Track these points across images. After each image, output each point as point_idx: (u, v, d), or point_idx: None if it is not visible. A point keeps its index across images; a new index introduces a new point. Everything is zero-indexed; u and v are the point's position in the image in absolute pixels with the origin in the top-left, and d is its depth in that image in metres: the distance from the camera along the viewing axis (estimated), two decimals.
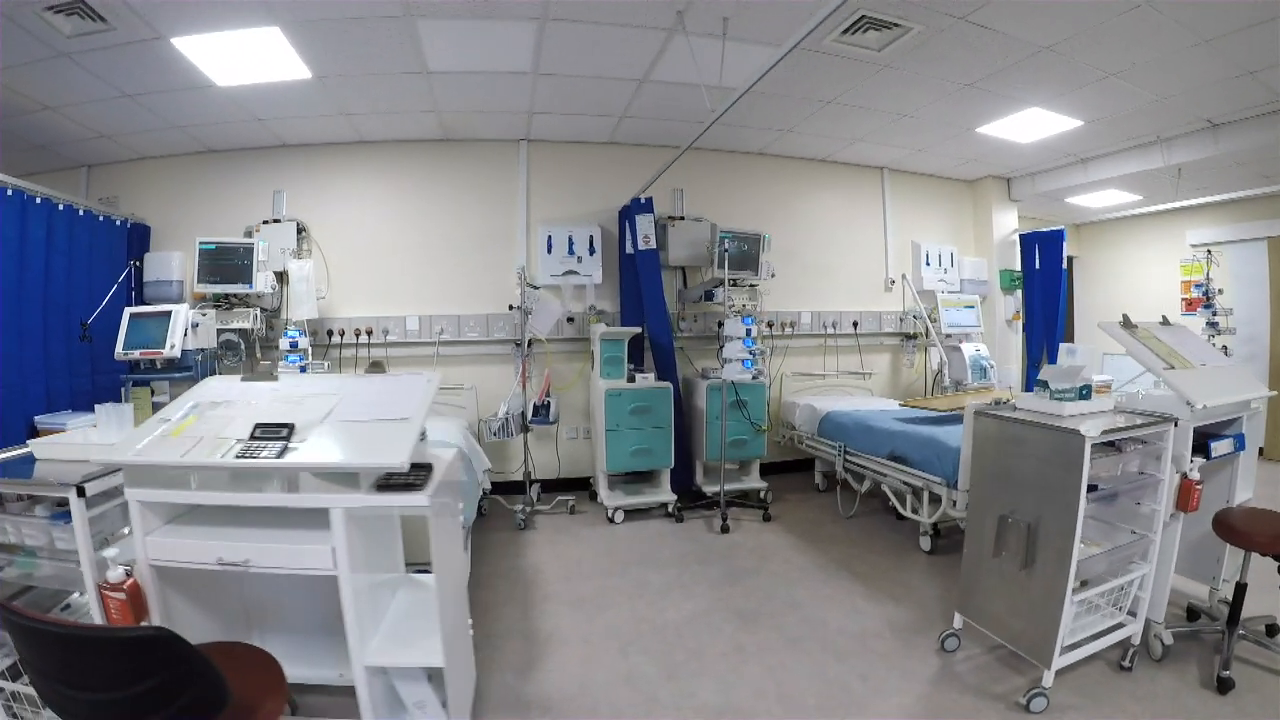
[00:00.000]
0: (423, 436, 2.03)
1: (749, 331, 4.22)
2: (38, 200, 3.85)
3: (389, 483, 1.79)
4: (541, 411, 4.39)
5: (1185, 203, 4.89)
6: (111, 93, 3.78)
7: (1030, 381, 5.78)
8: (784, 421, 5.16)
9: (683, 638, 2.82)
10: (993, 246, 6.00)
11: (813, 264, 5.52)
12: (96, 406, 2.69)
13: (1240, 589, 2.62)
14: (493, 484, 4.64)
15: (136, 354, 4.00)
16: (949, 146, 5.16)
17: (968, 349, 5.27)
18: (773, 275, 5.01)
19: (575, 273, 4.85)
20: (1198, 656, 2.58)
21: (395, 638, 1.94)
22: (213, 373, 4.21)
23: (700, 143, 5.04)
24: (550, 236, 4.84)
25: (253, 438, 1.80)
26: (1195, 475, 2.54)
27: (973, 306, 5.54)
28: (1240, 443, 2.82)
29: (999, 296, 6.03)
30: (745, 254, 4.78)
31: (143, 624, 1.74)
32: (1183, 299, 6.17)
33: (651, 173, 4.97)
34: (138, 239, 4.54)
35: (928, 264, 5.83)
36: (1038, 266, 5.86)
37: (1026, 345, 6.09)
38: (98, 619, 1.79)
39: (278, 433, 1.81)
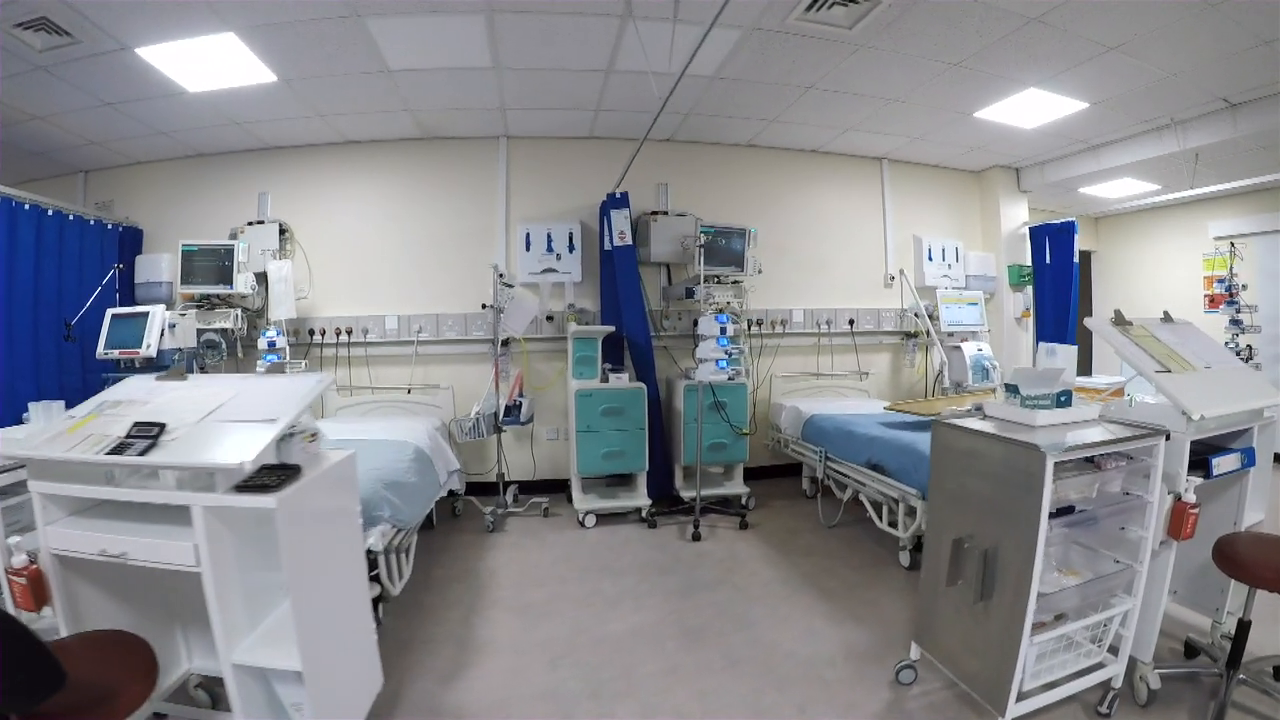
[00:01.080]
0: (314, 437, 1.96)
1: (724, 330, 3.89)
2: (26, 207, 3.86)
3: (248, 483, 1.66)
4: (513, 412, 4.16)
5: (1204, 188, 4.32)
6: (92, 102, 3.76)
7: None
8: (772, 424, 4.81)
9: (619, 653, 2.58)
10: (1000, 240, 5.51)
11: (807, 259, 5.15)
12: (30, 404, 2.59)
13: (1243, 627, 2.21)
14: (468, 485, 4.45)
15: (116, 353, 3.96)
16: (948, 134, 4.72)
17: (969, 348, 4.82)
18: (759, 271, 4.67)
19: (554, 270, 4.61)
20: (1191, 702, 2.19)
21: (270, 638, 1.79)
22: (191, 371, 4.14)
23: (684, 135, 4.79)
24: (529, 233, 4.61)
25: (129, 435, 1.75)
26: (1190, 497, 2.14)
27: (975, 304, 5.07)
28: (1249, 458, 2.39)
29: (1007, 293, 5.53)
30: (729, 249, 4.45)
31: None
32: (1205, 295, 5.53)
33: (622, 166, 4.70)
34: (130, 242, 4.51)
35: (930, 259, 5.38)
36: (1048, 261, 5.34)
37: (1036, 345, 5.56)
38: (8, 604, 1.77)
39: (149, 431, 1.76)
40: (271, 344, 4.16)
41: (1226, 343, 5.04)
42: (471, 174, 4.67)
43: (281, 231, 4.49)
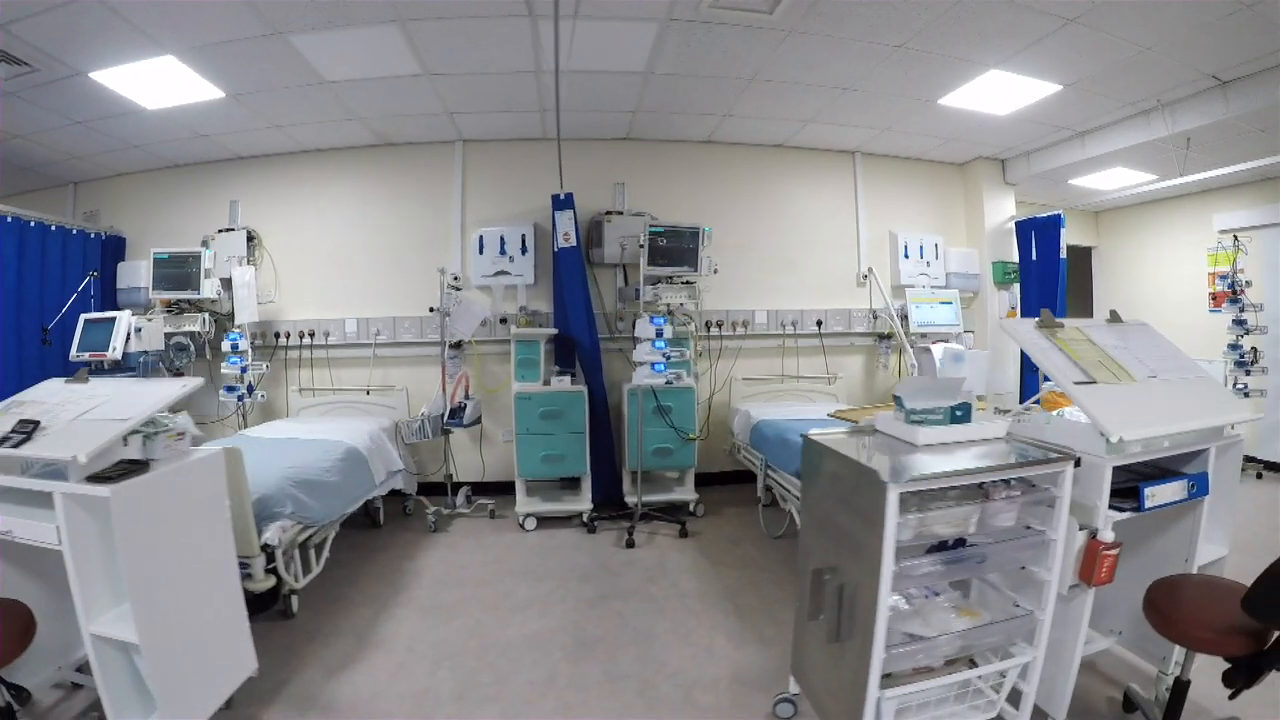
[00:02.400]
0: (181, 436, 1.99)
1: (660, 332, 3.57)
2: (8, 219, 3.89)
3: (100, 474, 1.70)
4: (458, 414, 3.94)
5: (1197, 175, 3.70)
6: (64, 121, 3.79)
7: (1028, 389, 4.72)
8: (730, 429, 4.44)
9: (504, 659, 2.41)
10: (984, 235, 4.95)
11: (773, 258, 4.75)
12: None
13: (1180, 687, 1.79)
14: (423, 485, 4.27)
15: (87, 356, 3.94)
16: (916, 123, 4.24)
17: (940, 351, 4.32)
18: (715, 271, 4.30)
19: (506, 273, 4.36)
20: None
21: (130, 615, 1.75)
22: (157, 373, 4.10)
23: (639, 133, 4.48)
24: (482, 237, 4.38)
25: (11, 430, 1.81)
26: (1107, 535, 1.72)
27: (950, 303, 4.56)
28: (1201, 486, 1.93)
29: (992, 291, 4.97)
30: (681, 249, 4.10)
31: None
32: (1210, 293, 4.81)
33: (586, 166, 4.44)
34: (113, 249, 4.52)
35: (906, 256, 4.88)
36: (1034, 257, 4.76)
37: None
38: None
39: (25, 428, 1.81)
40: (235, 346, 4.09)
41: (1231, 344, 4.37)
42: (429, 179, 4.48)
43: (250, 238, 4.41)
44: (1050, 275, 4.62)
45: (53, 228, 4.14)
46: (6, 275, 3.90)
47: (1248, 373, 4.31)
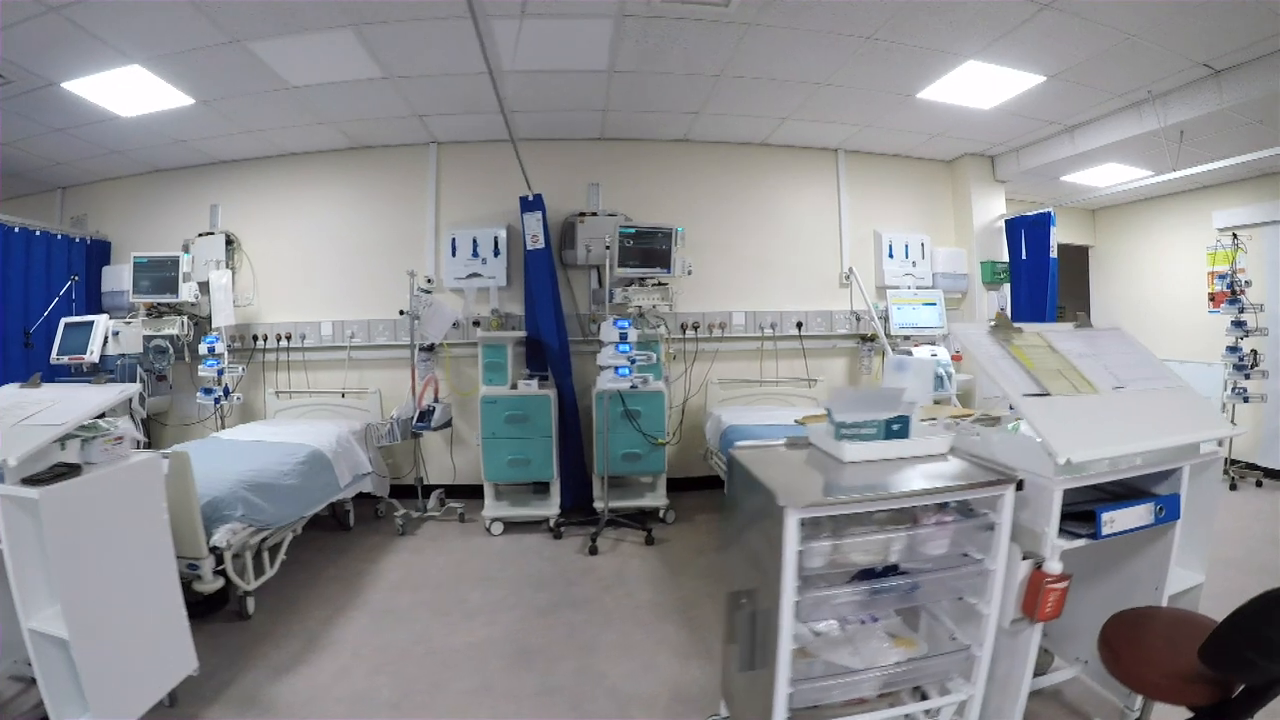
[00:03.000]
0: (120, 441, 1.97)
1: (623, 335, 3.41)
2: None
3: (34, 477, 1.71)
4: (427, 417, 3.83)
5: (1190, 169, 3.41)
6: (44, 129, 3.75)
7: None
8: (705, 434, 4.27)
9: (444, 666, 2.34)
10: (973, 234, 4.70)
11: (752, 258, 4.55)
12: None
13: None
14: (397, 488, 4.17)
15: (66, 359, 3.91)
16: (898, 119, 4.02)
17: (922, 354, 4.10)
18: (689, 272, 4.14)
19: (479, 275, 4.23)
20: None
21: None
22: (134, 376, 4.05)
23: (613, 133, 4.32)
24: (455, 239, 4.26)
25: None
26: (1054, 566, 1.53)
27: (934, 304, 4.33)
28: (1170, 509, 1.71)
29: (980, 292, 4.72)
30: (653, 250, 3.93)
31: None
32: (1209, 293, 4.50)
33: (559, 167, 4.30)
34: (98, 253, 4.48)
35: (890, 256, 4.65)
36: (1024, 256, 4.50)
37: None
38: None
39: None
40: (211, 349, 4.03)
41: (1230, 347, 4.07)
42: (404, 181, 4.37)
43: (229, 242, 4.35)
44: (1040, 275, 4.36)
45: (37, 233, 4.12)
46: None
47: (1247, 376, 4.01)
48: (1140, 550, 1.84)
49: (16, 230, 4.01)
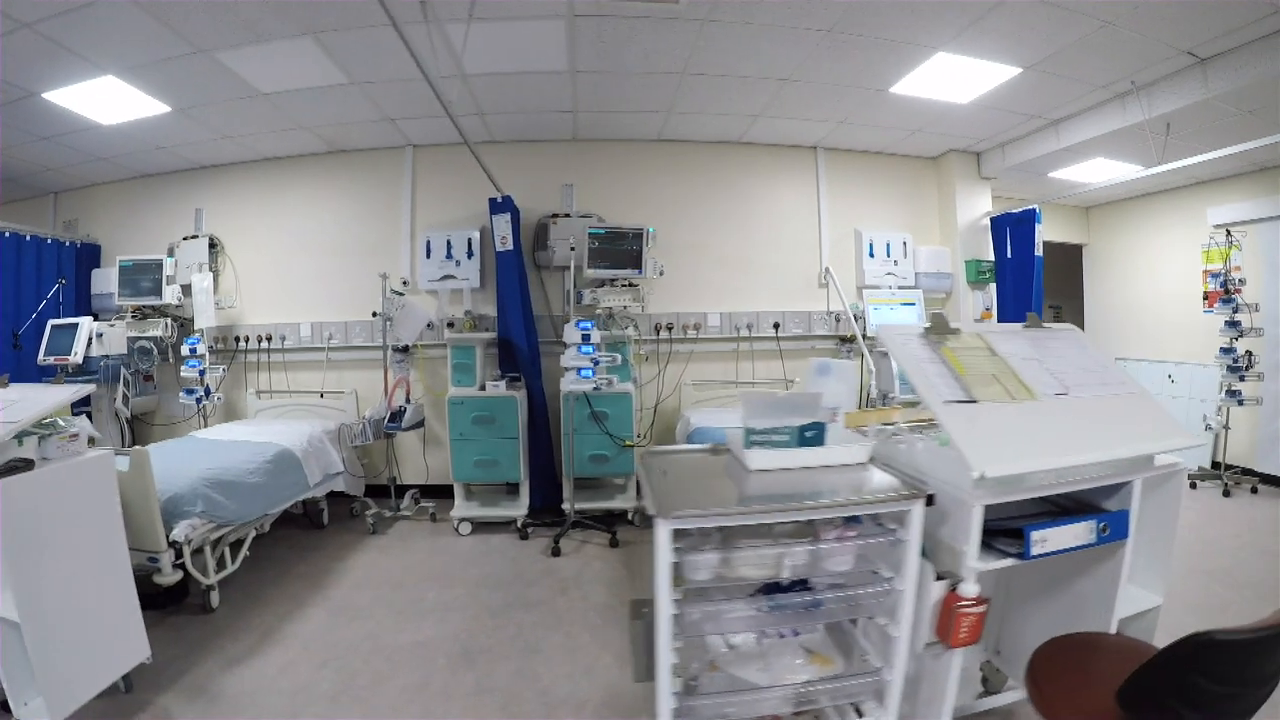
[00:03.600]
0: (75, 438, 2.01)
1: (586, 337, 3.32)
2: None
3: None
4: (397, 417, 3.78)
5: (1191, 161, 3.17)
6: (30, 138, 3.79)
7: None
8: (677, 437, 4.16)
9: (388, 663, 2.32)
10: (957, 232, 4.51)
11: (728, 258, 4.42)
12: None
13: None
14: (373, 487, 4.13)
15: (53, 360, 3.94)
16: (874, 115, 3.86)
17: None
18: (660, 273, 4.03)
19: (453, 277, 4.17)
20: None
21: None
22: (117, 376, 4.07)
23: (586, 133, 4.23)
24: (429, 241, 4.20)
25: None
26: (970, 588, 1.40)
27: (913, 304, 4.16)
28: (1117, 527, 1.57)
29: (965, 292, 4.53)
30: (624, 251, 3.84)
31: None
32: (1204, 292, 4.24)
33: (533, 168, 4.22)
34: (88, 257, 4.52)
35: (871, 255, 4.48)
36: (1010, 255, 4.30)
37: None
38: None
39: None
40: (193, 350, 4.03)
41: (1224, 348, 3.83)
42: (381, 184, 4.32)
43: (212, 245, 4.34)
44: (1026, 273, 4.16)
45: (27, 237, 4.16)
46: None
47: (1242, 378, 3.77)
48: (1088, 570, 1.70)
49: (7, 235, 4.05)
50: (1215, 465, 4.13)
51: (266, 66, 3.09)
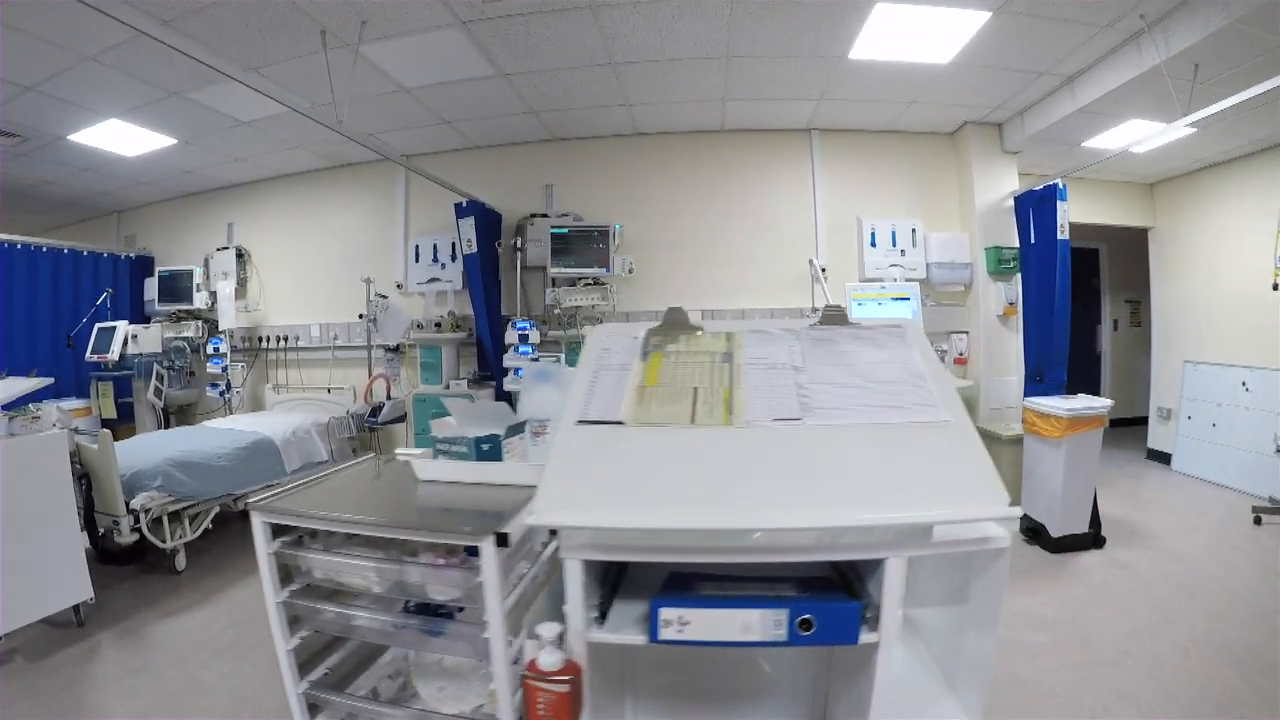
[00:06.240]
0: (37, 419, 2.53)
1: (524, 336, 3.32)
2: (44, 250, 4.56)
3: None
4: (376, 413, 4.01)
5: (1219, 107, 2.47)
6: (72, 170, 4.40)
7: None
8: None
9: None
10: (975, 216, 3.98)
11: (713, 253, 4.21)
12: None
13: None
14: None
15: (97, 358, 4.58)
16: (850, 87, 3.52)
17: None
18: (630, 271, 3.94)
19: (438, 279, 4.35)
20: None
21: None
22: (150, 373, 4.63)
23: (560, 132, 4.26)
24: (418, 245, 4.42)
25: None
26: (548, 659, 0.95)
27: (907, 298, 3.71)
28: (833, 625, 0.93)
29: (986, 283, 3.99)
30: (591, 249, 3.80)
31: None
32: (1274, 282, 3.33)
33: (513, 170, 4.33)
34: (142, 267, 5.19)
35: (874, 245, 4.08)
36: (1033, 240, 3.71)
37: (1026, 350, 3.92)
38: None
39: None
40: (216, 349, 4.54)
41: None
42: (378, 193, 4.62)
43: (239, 255, 4.87)
44: (1048, 261, 3.56)
45: (84, 253, 4.83)
46: (43, 294, 4.62)
47: None
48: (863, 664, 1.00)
49: (66, 251, 4.72)
50: None
51: (232, 100, 3.36)
